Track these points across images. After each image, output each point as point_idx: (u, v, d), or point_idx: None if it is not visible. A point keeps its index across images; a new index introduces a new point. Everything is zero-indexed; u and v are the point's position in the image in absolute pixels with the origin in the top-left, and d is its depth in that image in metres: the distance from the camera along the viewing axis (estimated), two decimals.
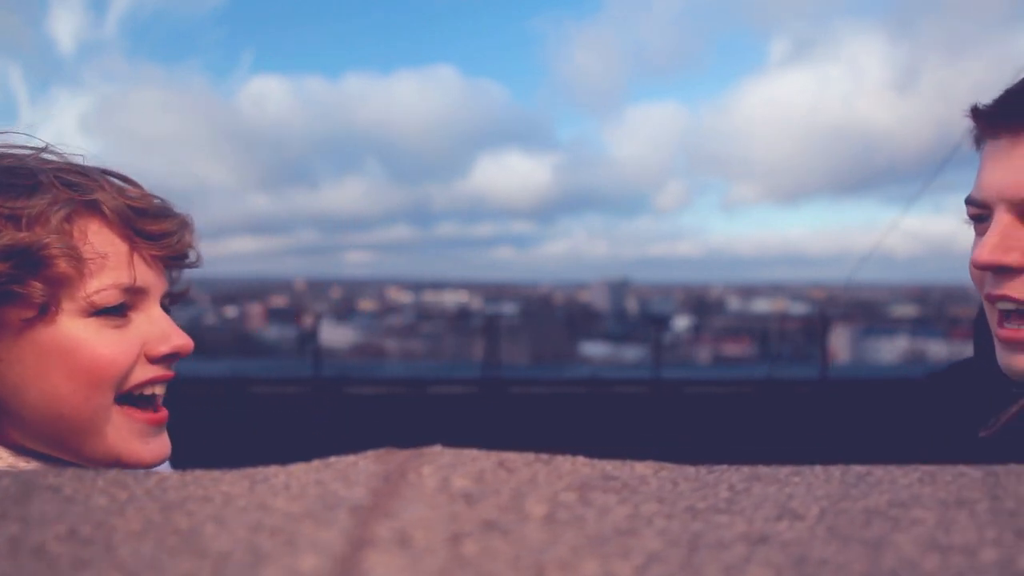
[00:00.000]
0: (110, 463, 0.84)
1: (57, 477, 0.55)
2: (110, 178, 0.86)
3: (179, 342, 0.85)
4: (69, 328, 0.79)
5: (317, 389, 9.15)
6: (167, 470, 0.99)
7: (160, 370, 0.85)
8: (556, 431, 7.78)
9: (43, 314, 0.78)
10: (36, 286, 0.76)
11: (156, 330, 0.85)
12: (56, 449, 0.83)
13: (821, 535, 0.42)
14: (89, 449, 0.82)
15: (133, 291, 0.83)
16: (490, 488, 0.43)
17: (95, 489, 0.51)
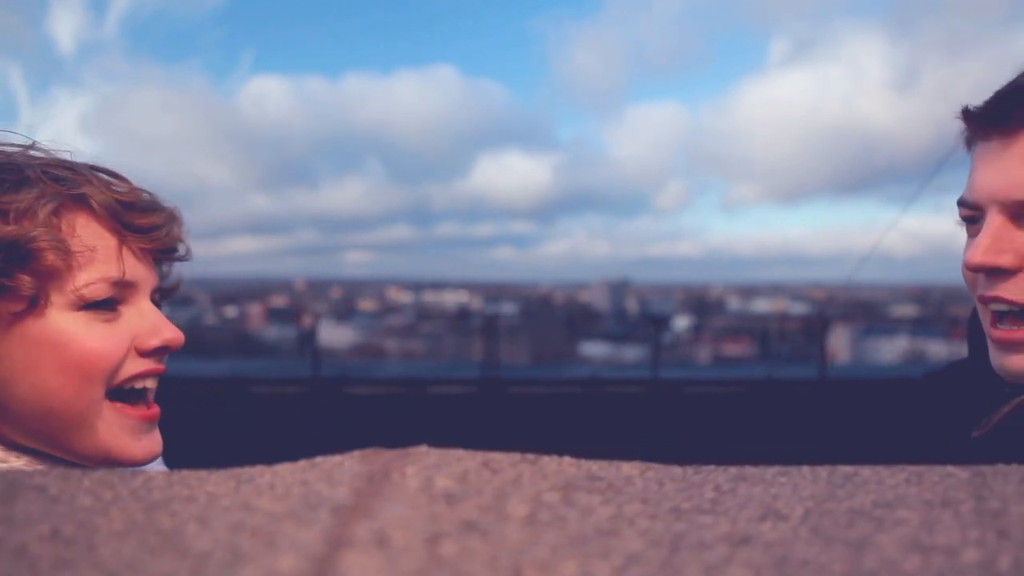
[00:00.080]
0: (101, 459, 0.83)
1: (43, 477, 0.55)
2: (98, 173, 0.86)
3: (169, 335, 0.85)
4: (58, 322, 0.79)
5: (316, 389, 9.15)
6: (158, 468, 1.00)
7: (151, 364, 0.85)
8: (555, 431, 7.78)
9: (32, 308, 0.78)
10: (24, 279, 0.76)
11: (146, 324, 0.85)
12: (47, 445, 0.83)
13: (804, 536, 0.42)
14: (80, 445, 0.82)
15: (122, 285, 0.83)
16: (473, 488, 0.43)
17: (81, 489, 0.51)
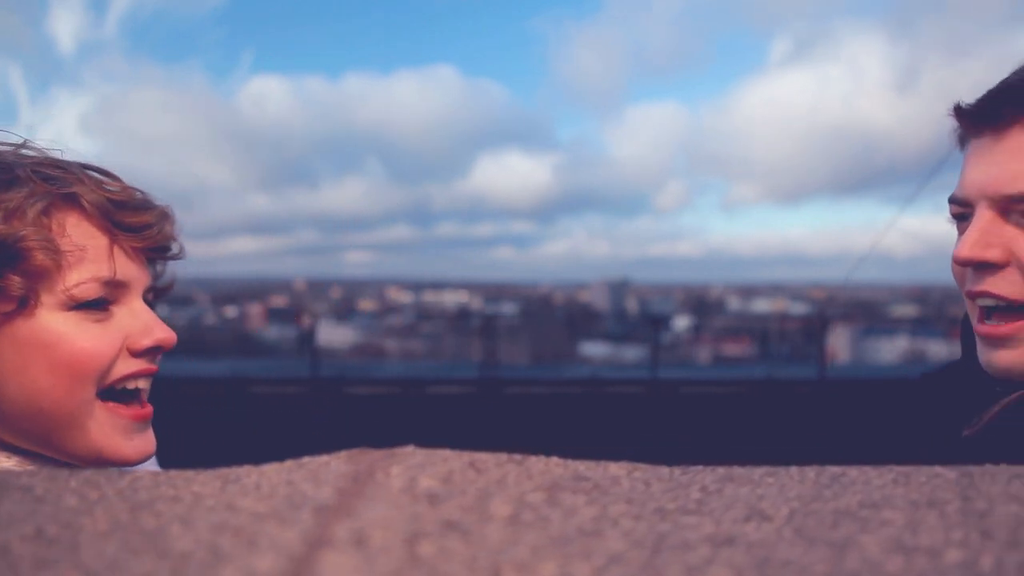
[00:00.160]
0: (93, 459, 0.83)
1: (30, 477, 0.55)
2: (90, 172, 0.86)
3: (161, 335, 0.85)
4: (49, 322, 0.79)
5: (315, 389, 9.15)
6: (149, 469, 0.99)
7: (143, 364, 0.85)
8: (553, 431, 7.78)
9: (22, 308, 0.77)
10: (14, 279, 0.76)
11: (138, 323, 0.84)
12: (38, 445, 0.82)
13: (788, 536, 0.42)
14: (72, 445, 0.82)
15: (114, 284, 0.82)
16: (457, 488, 0.43)
17: (67, 489, 0.51)
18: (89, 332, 0.80)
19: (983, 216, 0.85)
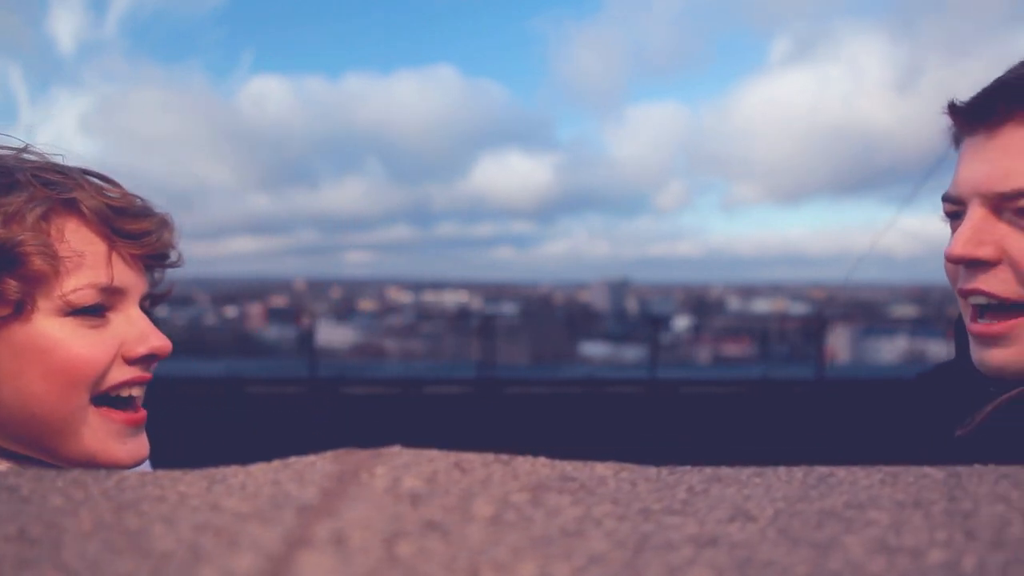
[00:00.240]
0: (87, 463, 0.83)
1: (17, 477, 0.54)
2: (90, 178, 0.86)
3: (157, 343, 0.85)
4: (45, 327, 0.79)
5: (313, 389, 9.15)
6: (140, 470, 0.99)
7: (138, 371, 0.85)
8: (552, 431, 7.78)
9: (18, 312, 0.78)
10: (11, 284, 0.76)
11: (134, 331, 0.84)
12: (31, 449, 0.82)
13: (771, 537, 0.42)
14: (65, 449, 0.82)
15: (111, 291, 0.83)
16: (440, 489, 0.43)
17: (52, 489, 0.51)
18: (85, 338, 0.80)
19: (976, 214, 0.85)
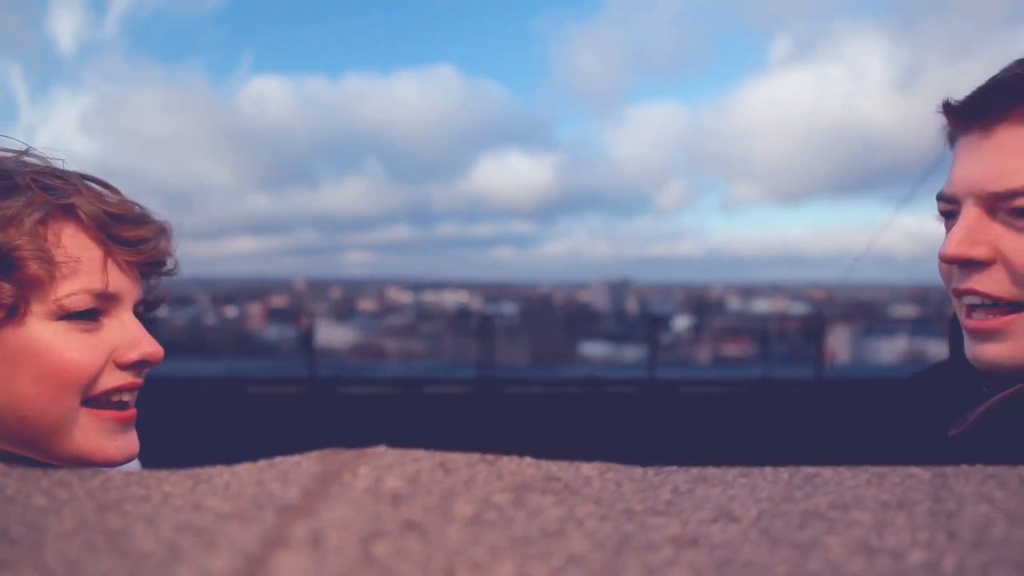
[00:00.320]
0: (77, 462, 0.83)
1: (3, 477, 0.54)
2: (90, 183, 0.86)
3: (149, 349, 0.85)
4: (37, 331, 0.79)
5: (312, 389, 9.15)
6: (133, 469, 0.99)
7: (129, 377, 0.85)
8: (550, 431, 7.77)
9: (11, 316, 0.78)
10: (5, 287, 0.76)
11: (127, 336, 0.85)
12: (23, 449, 0.83)
13: (753, 537, 0.42)
14: (56, 449, 0.82)
15: (105, 297, 0.83)
16: (423, 489, 0.43)
17: (37, 489, 0.51)
18: (77, 343, 0.80)
19: (970, 213, 0.85)
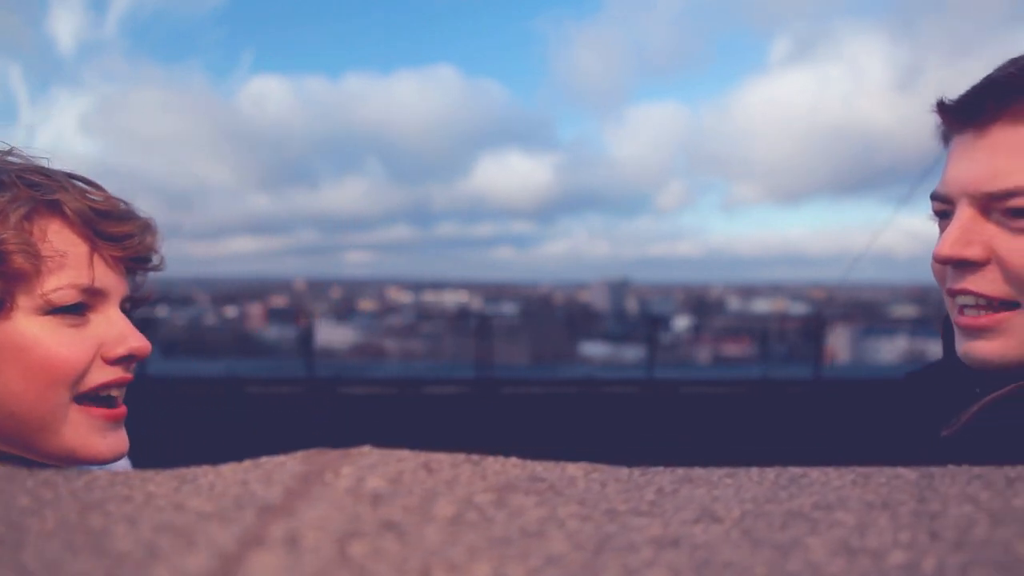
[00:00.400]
0: (67, 459, 0.83)
1: None
2: (75, 181, 0.86)
3: (136, 344, 0.85)
4: (24, 325, 0.79)
5: (311, 389, 9.15)
6: (125, 467, 0.99)
7: (118, 373, 0.85)
8: (549, 431, 7.77)
9: None
10: None
11: (113, 331, 0.85)
12: (11, 446, 0.82)
13: (734, 538, 0.42)
14: (45, 446, 0.82)
15: (91, 292, 0.83)
16: (404, 489, 0.43)
17: (22, 489, 0.51)
18: (64, 337, 0.80)
19: (964, 214, 0.85)
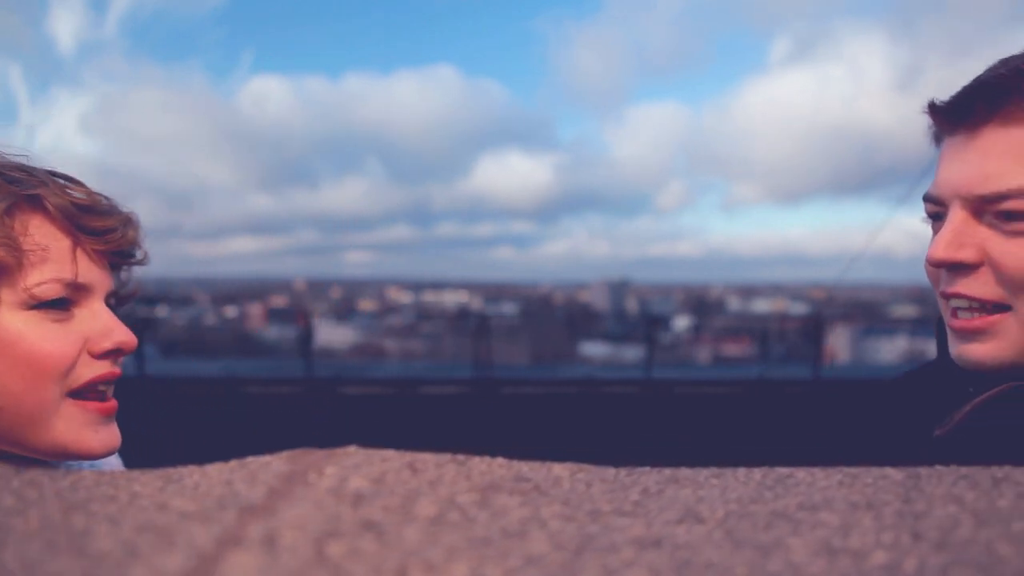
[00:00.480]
0: (59, 454, 0.83)
1: None
2: (56, 178, 0.86)
3: (122, 338, 0.85)
4: (8, 320, 0.79)
5: (309, 389, 9.15)
6: (115, 465, 0.99)
7: (106, 367, 0.85)
8: (547, 431, 7.77)
9: None
10: None
11: (98, 325, 0.84)
12: (3, 443, 0.82)
13: (717, 538, 0.42)
14: (37, 441, 0.82)
15: (75, 287, 0.82)
16: (387, 489, 0.43)
17: (7, 489, 0.51)
18: (49, 332, 0.80)
19: (956, 216, 0.85)
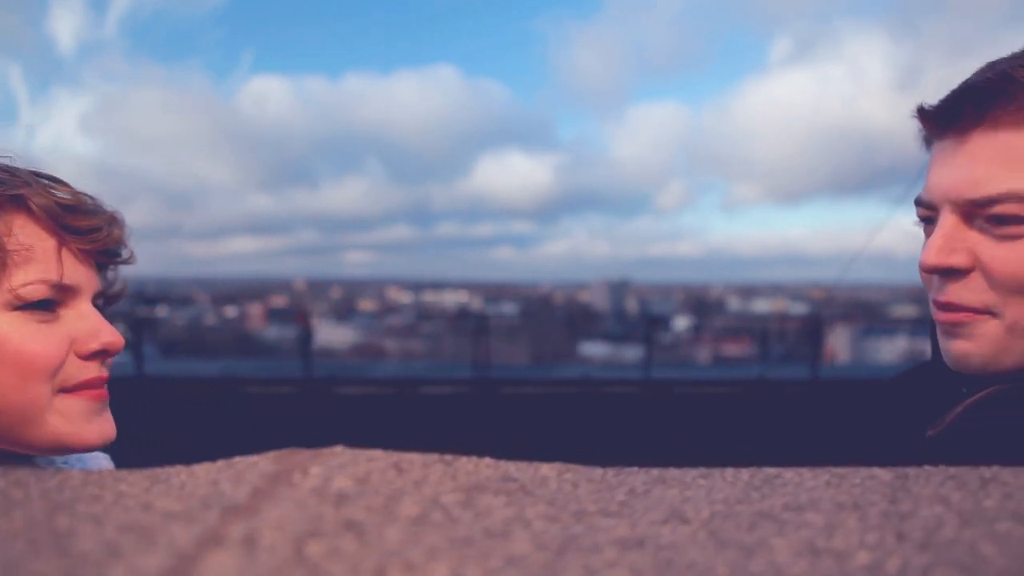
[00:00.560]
0: (54, 448, 0.83)
1: None
2: (40, 179, 0.86)
3: (109, 339, 0.85)
4: None
5: (308, 389, 9.15)
6: (105, 465, 0.99)
7: (94, 371, 0.85)
8: (547, 432, 7.77)
9: None
10: None
11: (85, 326, 0.84)
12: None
13: (700, 539, 0.42)
14: (31, 437, 0.81)
15: (61, 288, 0.82)
16: (371, 489, 0.43)
17: None
18: (35, 333, 0.80)
19: (947, 221, 0.85)
